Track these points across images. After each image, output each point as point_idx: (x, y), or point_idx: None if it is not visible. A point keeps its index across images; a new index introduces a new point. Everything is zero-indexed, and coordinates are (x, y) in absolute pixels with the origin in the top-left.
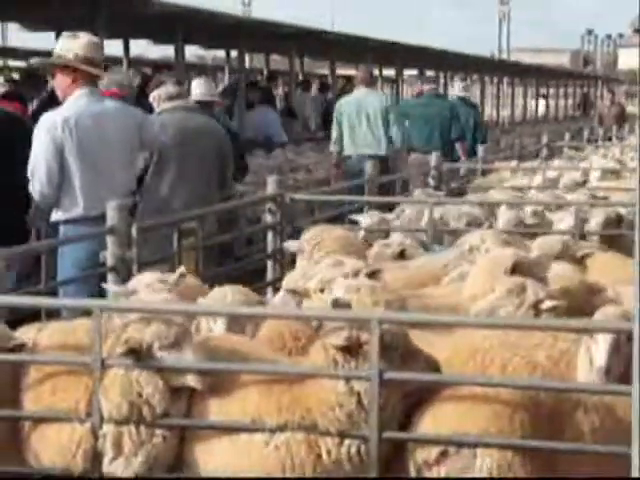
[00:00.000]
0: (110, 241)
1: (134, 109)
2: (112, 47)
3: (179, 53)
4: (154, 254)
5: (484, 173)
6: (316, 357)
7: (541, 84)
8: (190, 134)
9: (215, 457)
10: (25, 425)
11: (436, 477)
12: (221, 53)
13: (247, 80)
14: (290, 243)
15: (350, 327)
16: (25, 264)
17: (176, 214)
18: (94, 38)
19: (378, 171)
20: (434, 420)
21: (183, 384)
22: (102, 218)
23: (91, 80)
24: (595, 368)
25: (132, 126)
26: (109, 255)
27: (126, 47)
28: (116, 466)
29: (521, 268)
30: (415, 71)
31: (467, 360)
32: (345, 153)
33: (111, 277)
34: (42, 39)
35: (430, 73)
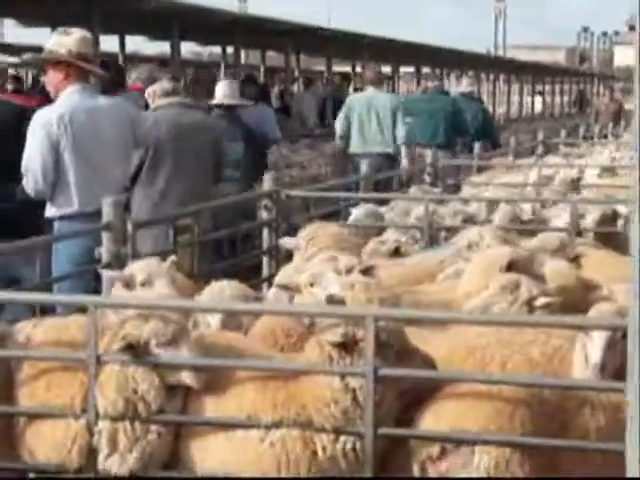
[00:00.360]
0: (105, 237)
1: (127, 105)
2: (108, 43)
3: (175, 49)
4: (150, 250)
5: (480, 170)
6: (311, 354)
7: (537, 81)
8: (185, 130)
9: (211, 454)
10: (20, 421)
11: (434, 477)
12: (217, 49)
13: (244, 75)
14: (286, 240)
15: (346, 324)
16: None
17: (172, 211)
18: (87, 34)
19: (376, 169)
20: (435, 417)
21: (179, 382)
22: (97, 214)
23: (84, 76)
24: (590, 365)
25: (126, 122)
26: (104, 251)
27: (122, 43)
28: (111, 462)
29: (517, 266)
30: (411, 68)
31: (466, 357)
32: (353, 150)
33: (106, 273)
34: (38, 35)
35: (426, 70)
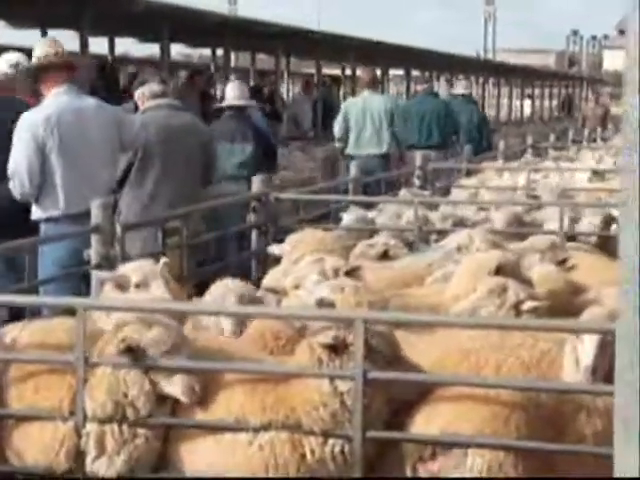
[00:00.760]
0: (94, 239)
1: (113, 107)
2: (97, 45)
3: (165, 51)
4: (138, 252)
5: (469, 173)
6: (302, 356)
7: (526, 85)
8: (174, 132)
9: (199, 457)
10: (7, 423)
11: (427, 477)
12: (207, 52)
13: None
14: (274, 247)
15: (337, 327)
16: None
17: (161, 213)
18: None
19: (381, 170)
20: (427, 420)
21: (170, 394)
22: (83, 216)
23: (69, 79)
24: (582, 368)
25: (112, 123)
26: (93, 253)
27: (111, 45)
28: (99, 465)
29: (505, 269)
30: (401, 71)
31: (461, 361)
32: (350, 152)
33: (95, 275)
34: (28, 36)
35: (416, 73)
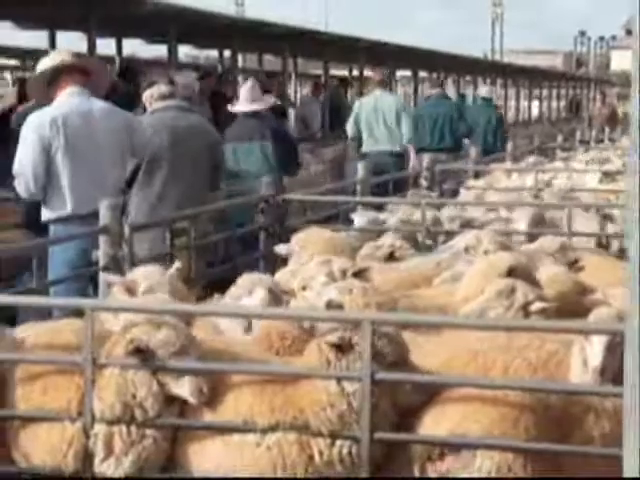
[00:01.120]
0: (102, 240)
1: (125, 112)
2: (105, 46)
3: (172, 53)
4: (146, 253)
5: (477, 175)
6: (310, 357)
7: (534, 86)
8: (182, 134)
9: (208, 458)
10: (14, 424)
11: (434, 477)
12: (214, 53)
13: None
14: (280, 247)
15: (344, 328)
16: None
17: (169, 214)
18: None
19: (396, 167)
20: (435, 421)
21: (179, 395)
22: (90, 216)
23: (81, 82)
24: (591, 368)
25: (122, 126)
26: (101, 254)
27: (119, 46)
28: (107, 466)
29: (517, 272)
30: (408, 72)
31: (468, 362)
32: (365, 150)
33: (103, 276)
34: (35, 38)
35: (423, 74)
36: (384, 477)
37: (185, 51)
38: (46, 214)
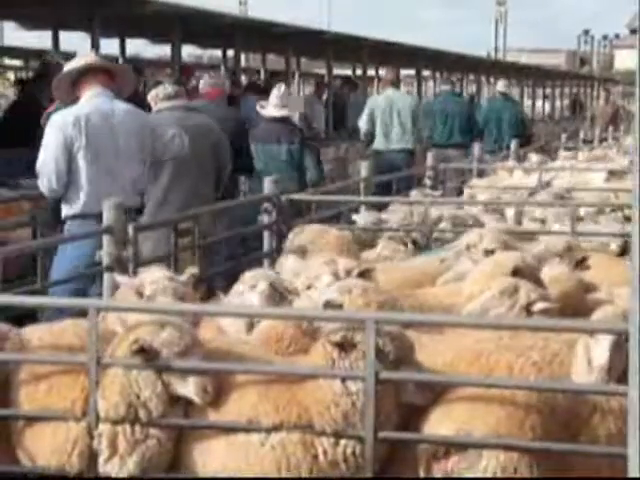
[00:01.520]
0: (106, 240)
1: (146, 115)
2: (108, 46)
3: (176, 53)
4: (151, 253)
5: (480, 173)
6: (314, 357)
7: (537, 85)
8: (187, 134)
9: (212, 458)
10: (18, 424)
11: (437, 477)
12: (217, 53)
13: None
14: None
15: (348, 327)
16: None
17: (174, 213)
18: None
19: (407, 164)
20: (440, 420)
21: (184, 395)
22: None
23: (105, 83)
24: (597, 367)
25: (143, 128)
26: (105, 254)
27: (122, 46)
28: (111, 466)
29: (523, 272)
30: (412, 71)
31: (472, 362)
32: (376, 148)
33: (107, 276)
34: (39, 38)
35: (426, 73)
36: (389, 477)
37: (189, 51)
38: (64, 210)
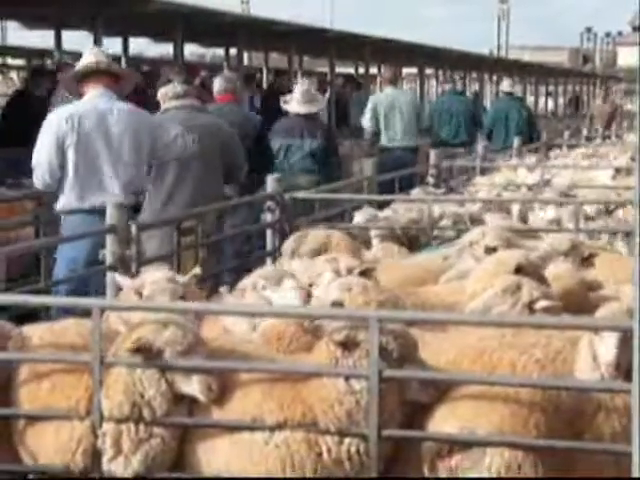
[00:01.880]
0: (109, 240)
1: (148, 115)
2: (111, 45)
3: (178, 51)
4: (154, 252)
5: (483, 171)
6: (318, 355)
7: (540, 82)
8: (193, 133)
9: (216, 456)
10: (21, 423)
11: (441, 477)
12: (220, 51)
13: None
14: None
15: (351, 326)
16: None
17: (178, 212)
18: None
19: (411, 161)
20: (444, 418)
21: (188, 394)
22: (97, 212)
23: (108, 84)
24: (604, 364)
25: (143, 128)
26: (108, 254)
27: (125, 45)
28: (115, 465)
29: (526, 269)
30: (414, 69)
31: (475, 359)
32: (380, 144)
33: (110, 275)
34: (42, 37)
35: (429, 71)
36: (393, 477)
37: (191, 49)
38: (58, 205)
